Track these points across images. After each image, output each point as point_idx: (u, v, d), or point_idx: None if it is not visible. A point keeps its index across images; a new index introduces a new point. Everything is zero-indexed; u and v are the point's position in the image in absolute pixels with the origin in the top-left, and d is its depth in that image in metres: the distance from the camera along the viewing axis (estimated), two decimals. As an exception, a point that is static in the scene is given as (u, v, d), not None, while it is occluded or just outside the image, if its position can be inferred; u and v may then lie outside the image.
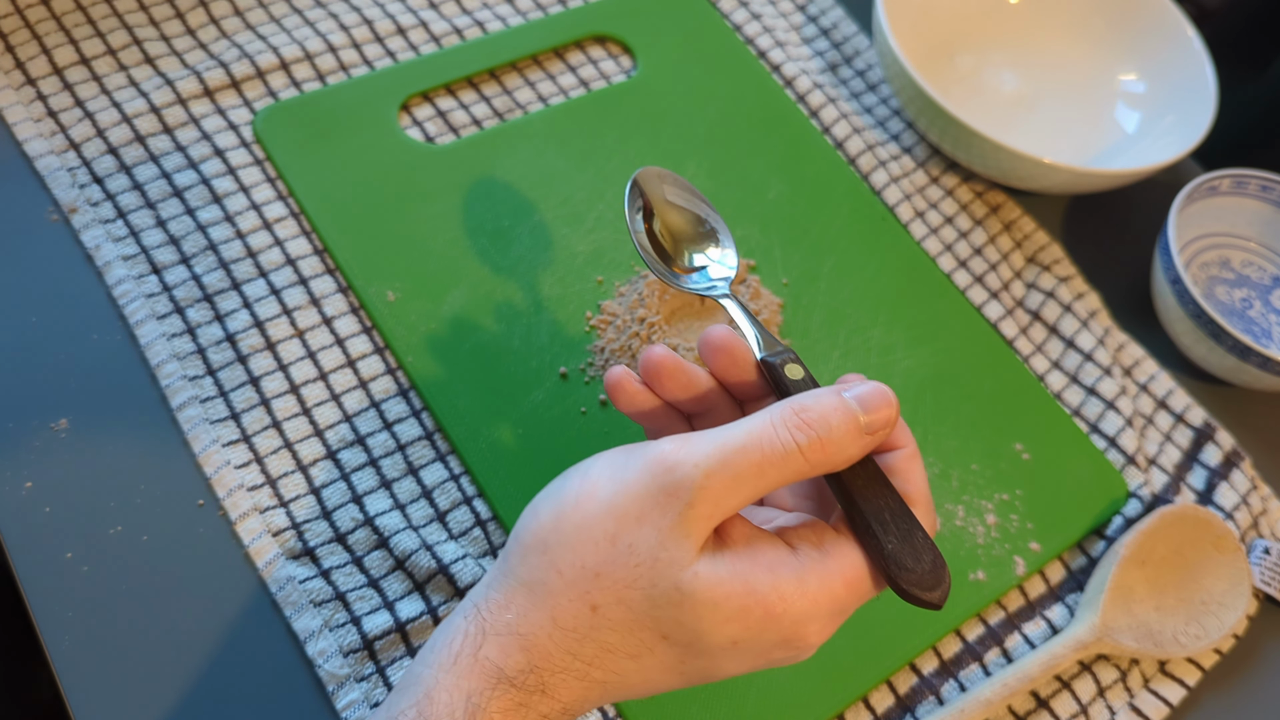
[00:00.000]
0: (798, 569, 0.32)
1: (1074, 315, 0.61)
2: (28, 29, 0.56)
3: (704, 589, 0.31)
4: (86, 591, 0.44)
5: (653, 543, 0.31)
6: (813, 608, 0.32)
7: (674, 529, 0.31)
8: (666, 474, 0.31)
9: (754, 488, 0.31)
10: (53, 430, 0.47)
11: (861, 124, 0.66)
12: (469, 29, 0.63)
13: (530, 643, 0.32)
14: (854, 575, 0.33)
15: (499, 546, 0.48)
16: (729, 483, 0.31)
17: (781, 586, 0.31)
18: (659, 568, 0.31)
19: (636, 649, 0.32)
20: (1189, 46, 0.67)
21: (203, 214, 0.53)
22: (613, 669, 0.32)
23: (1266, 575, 0.54)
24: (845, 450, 0.32)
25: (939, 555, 0.33)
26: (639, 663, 0.32)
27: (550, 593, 0.32)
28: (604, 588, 0.31)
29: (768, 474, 0.31)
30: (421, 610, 0.45)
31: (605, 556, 0.31)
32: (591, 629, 0.32)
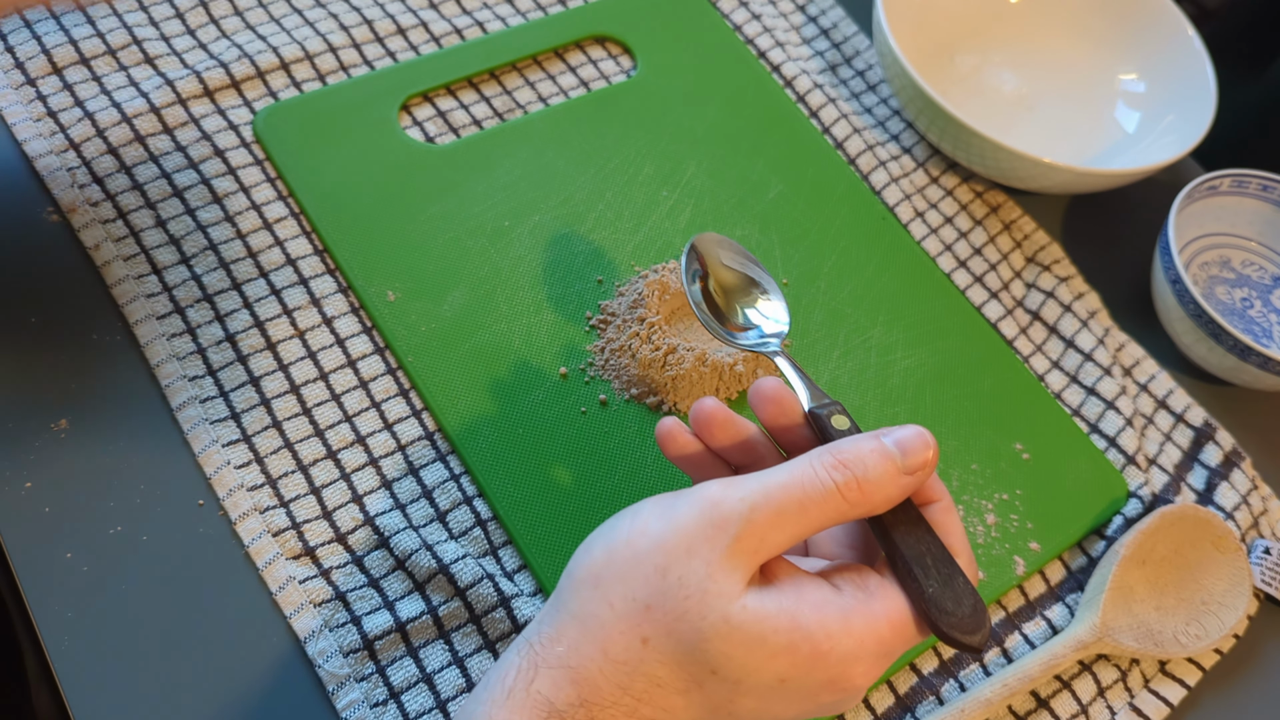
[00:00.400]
0: (843, 608, 0.33)
1: (1074, 315, 0.61)
2: (27, 29, 0.56)
3: (752, 622, 0.31)
4: (86, 591, 0.44)
5: (701, 575, 0.32)
6: (858, 647, 0.32)
7: (722, 561, 0.32)
8: (713, 508, 0.32)
9: (797, 524, 0.32)
10: (53, 430, 0.47)
11: (861, 124, 0.66)
12: (469, 29, 0.63)
13: (581, 675, 0.32)
14: (898, 617, 0.33)
15: (499, 546, 0.48)
16: (772, 517, 0.32)
17: (828, 624, 0.32)
18: (708, 600, 0.31)
19: (686, 684, 0.32)
20: (1189, 46, 0.67)
21: (203, 214, 0.53)
22: (662, 705, 0.32)
23: (1267, 575, 0.54)
24: (883, 489, 0.33)
25: (980, 600, 0.34)
26: (688, 699, 0.32)
27: (602, 625, 0.32)
28: (655, 620, 0.32)
29: (809, 512, 0.32)
30: (422, 610, 0.45)
31: (656, 589, 0.32)
32: (641, 662, 0.32)
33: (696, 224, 0.58)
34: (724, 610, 0.31)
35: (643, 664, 0.32)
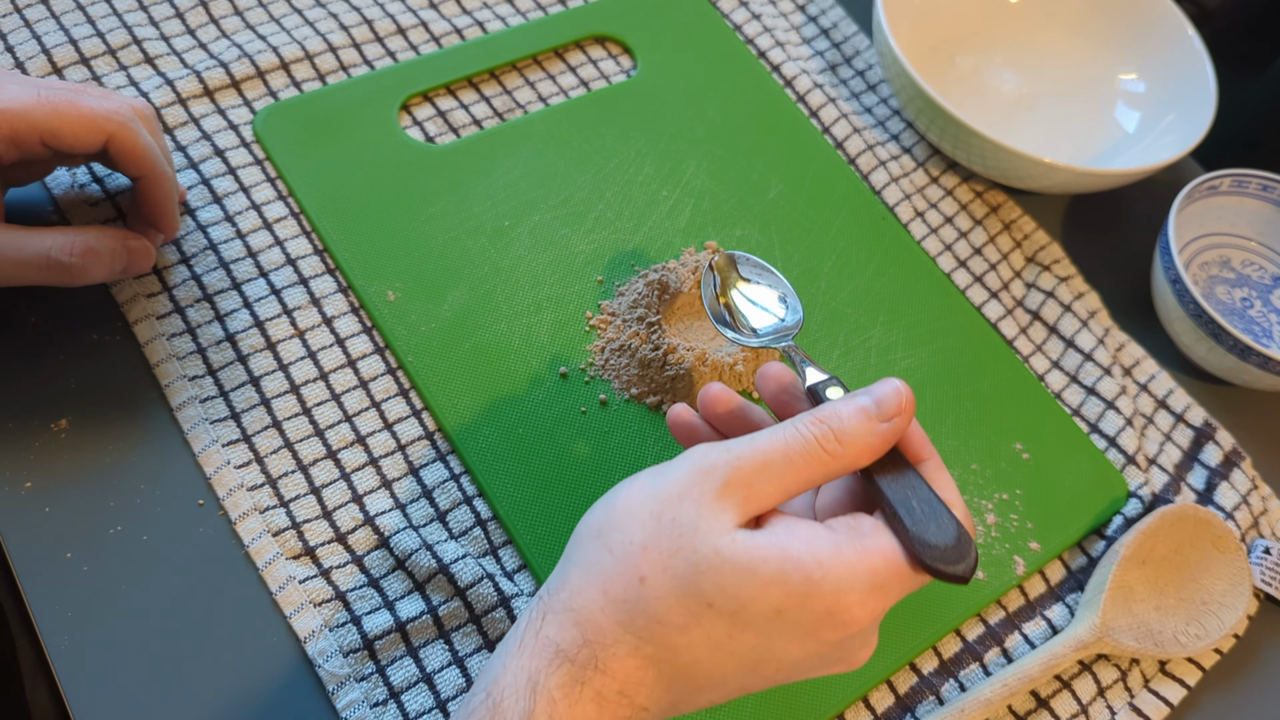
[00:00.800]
0: (834, 541, 0.34)
1: (1074, 315, 0.61)
2: (27, 28, 0.56)
3: (742, 552, 0.33)
4: (86, 591, 0.44)
5: (692, 515, 0.33)
6: (850, 575, 0.33)
7: (712, 502, 0.34)
8: (702, 459, 0.35)
9: (782, 476, 0.34)
10: (53, 430, 0.47)
11: (861, 124, 0.66)
12: (469, 29, 0.63)
13: (583, 617, 0.34)
14: (891, 552, 0.34)
15: (499, 546, 0.48)
16: (758, 466, 0.34)
17: (819, 554, 0.33)
18: (700, 535, 0.33)
19: (684, 619, 0.33)
20: (1189, 46, 0.67)
21: (203, 214, 0.53)
22: (664, 642, 0.33)
23: (1267, 575, 0.54)
24: (861, 440, 0.35)
25: (965, 533, 0.35)
26: (688, 636, 0.33)
27: (602, 569, 0.34)
28: (650, 559, 0.33)
29: (794, 464, 0.34)
30: (422, 610, 0.45)
31: (651, 531, 0.34)
32: (640, 600, 0.33)
33: (696, 224, 0.58)
34: (714, 543, 0.33)
35: (641, 601, 0.33)
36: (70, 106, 0.44)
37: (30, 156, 0.45)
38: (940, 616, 0.50)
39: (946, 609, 0.50)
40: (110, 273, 0.46)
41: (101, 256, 0.45)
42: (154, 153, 0.46)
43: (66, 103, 0.44)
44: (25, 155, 0.44)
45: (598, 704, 0.33)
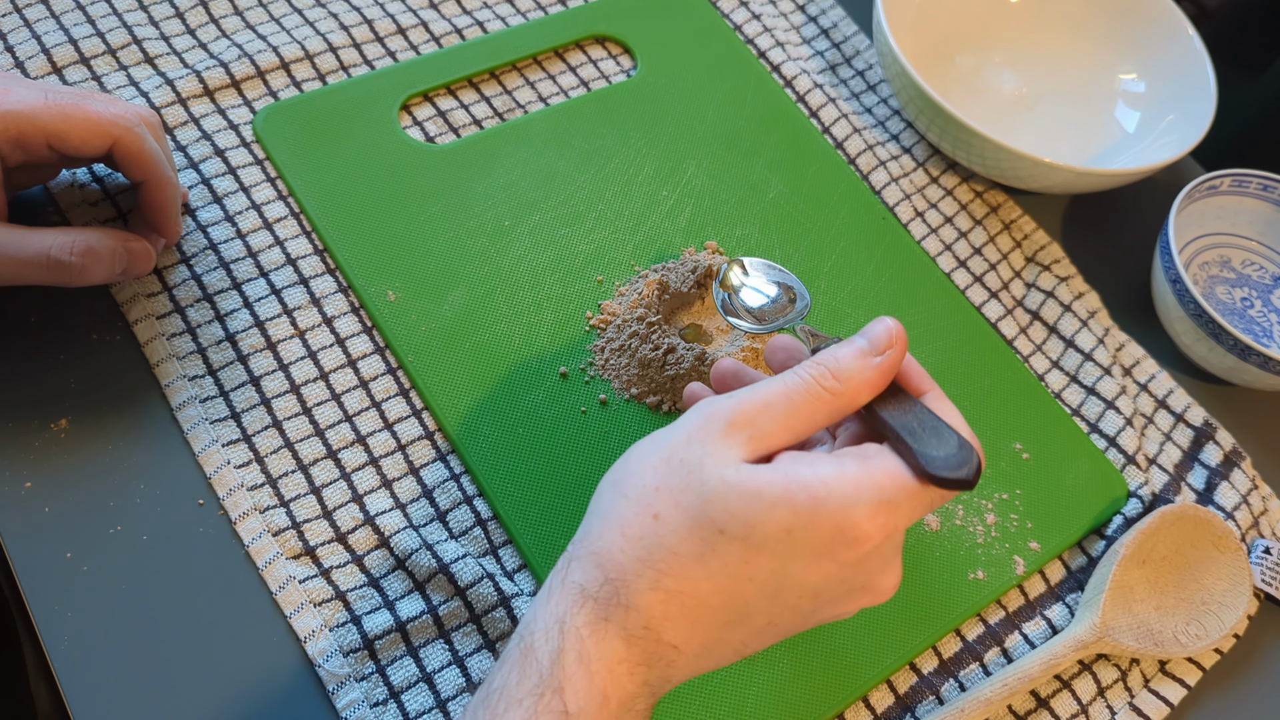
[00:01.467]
0: (838, 463, 0.35)
1: (1074, 315, 0.61)
2: (27, 28, 0.56)
3: (748, 478, 0.34)
4: (86, 591, 0.44)
5: (699, 453, 0.35)
6: (855, 490, 0.34)
7: (717, 440, 0.35)
8: (706, 406, 0.37)
9: (785, 416, 0.36)
10: (53, 430, 0.47)
11: (861, 124, 0.66)
12: (469, 29, 0.63)
13: (604, 558, 0.35)
14: (896, 469, 0.35)
15: (499, 546, 0.48)
16: (761, 407, 0.36)
17: (822, 474, 0.34)
18: (707, 468, 0.35)
19: (699, 549, 0.34)
20: (1189, 46, 0.67)
21: (203, 214, 0.53)
22: (682, 574, 0.34)
23: (1267, 575, 0.54)
24: (858, 375, 0.36)
25: (966, 441, 0.35)
26: (705, 566, 0.34)
27: (619, 513, 0.36)
28: (662, 497, 0.35)
29: (796, 404, 0.36)
30: (422, 609, 0.45)
31: (662, 473, 0.35)
32: (656, 534, 0.35)
33: (696, 224, 0.58)
34: (720, 474, 0.34)
35: (657, 536, 0.35)
36: (76, 110, 0.44)
37: (36, 159, 0.45)
38: (940, 616, 0.50)
39: (946, 609, 0.50)
40: (110, 274, 0.46)
41: (101, 257, 0.45)
42: (158, 158, 0.47)
43: (73, 106, 0.44)
44: (31, 158, 0.45)
45: (625, 640, 0.34)
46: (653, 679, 0.36)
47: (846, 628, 0.48)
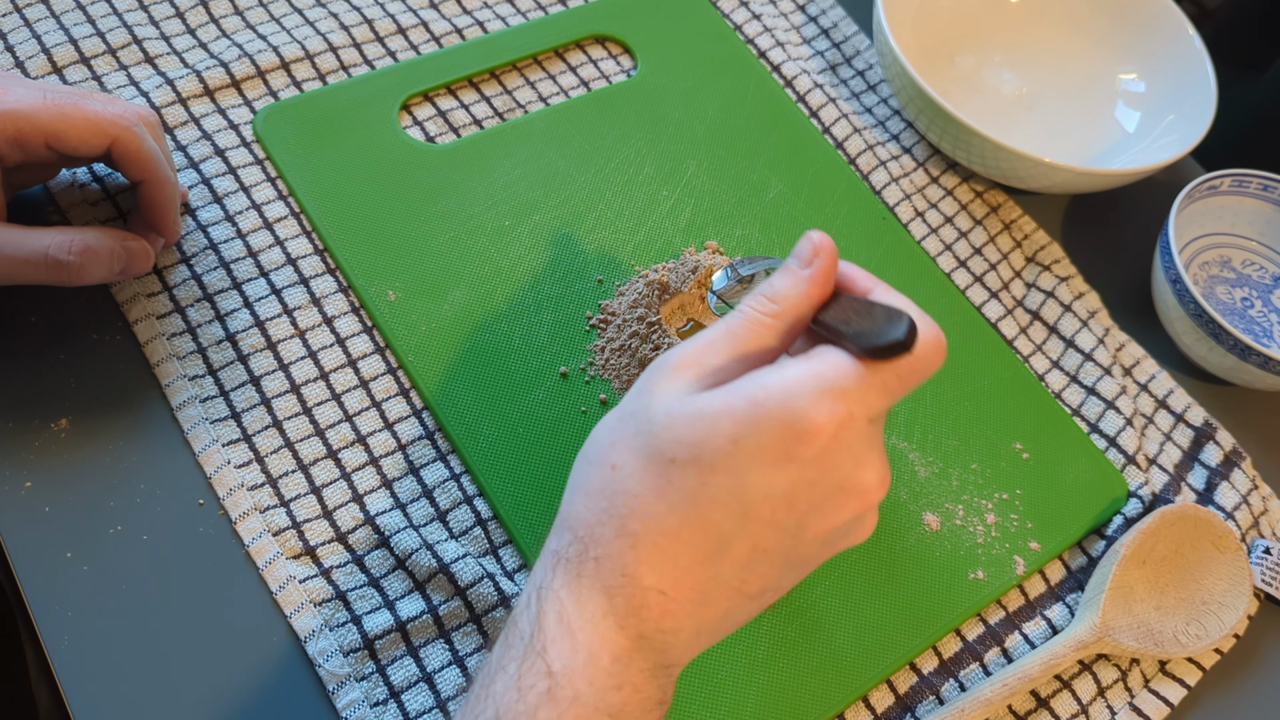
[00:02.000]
0: (779, 366, 0.34)
1: (1074, 315, 0.61)
2: (27, 28, 0.56)
3: (690, 404, 0.34)
4: (86, 591, 0.44)
5: (647, 398, 0.35)
6: (795, 384, 0.33)
7: (662, 382, 0.35)
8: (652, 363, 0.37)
9: (729, 347, 0.36)
10: (53, 430, 0.47)
11: (861, 124, 0.66)
12: (469, 29, 0.63)
13: (571, 520, 0.36)
14: (836, 358, 0.34)
15: (499, 545, 0.48)
16: (704, 346, 0.36)
17: (761, 378, 0.34)
18: (654, 406, 0.35)
19: (657, 485, 0.34)
20: (1189, 46, 0.67)
21: (203, 213, 0.53)
22: (645, 514, 0.34)
23: (1267, 575, 0.54)
24: (793, 291, 0.37)
25: (894, 309, 0.35)
26: (666, 500, 0.34)
27: (582, 478, 0.36)
28: (617, 449, 0.35)
29: (738, 334, 0.36)
30: (422, 609, 0.45)
31: (615, 428, 0.36)
32: (614, 484, 0.35)
33: (696, 224, 0.58)
34: (665, 407, 0.34)
35: (616, 484, 0.35)
36: (75, 110, 0.44)
37: (35, 159, 0.45)
38: (940, 616, 0.50)
39: (947, 609, 0.50)
40: (109, 273, 0.46)
41: (100, 256, 0.45)
42: (157, 158, 0.46)
43: (71, 106, 0.44)
44: (29, 157, 0.45)
45: (605, 593, 0.34)
46: (648, 631, 0.34)
47: (846, 628, 0.48)
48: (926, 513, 0.52)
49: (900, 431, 0.54)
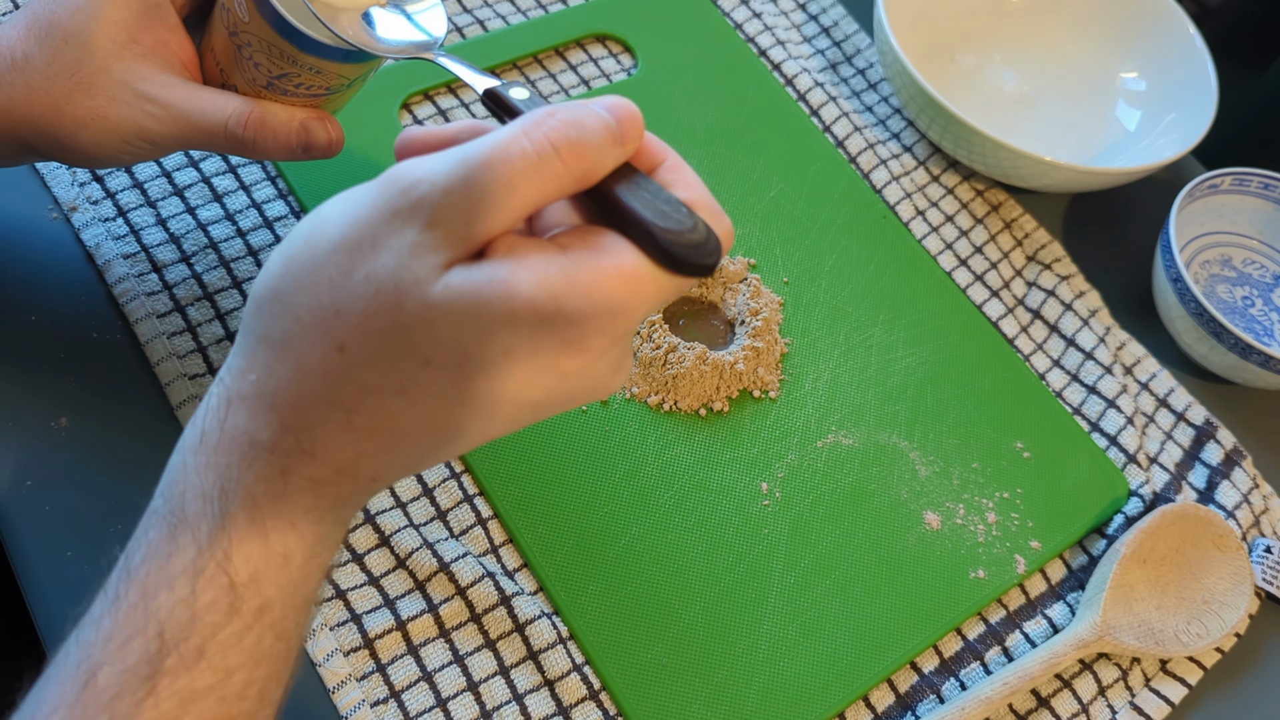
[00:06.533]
0: (566, 267, 0.29)
1: (1075, 314, 0.61)
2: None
3: (459, 299, 0.28)
4: (86, 591, 0.44)
5: (392, 266, 0.28)
6: (586, 303, 0.29)
7: (415, 248, 0.28)
8: (402, 196, 0.29)
9: (507, 207, 0.29)
10: (53, 429, 0.47)
11: (862, 122, 0.66)
12: (470, 27, 0.63)
13: (279, 401, 0.29)
14: (630, 268, 0.30)
15: (500, 545, 0.48)
16: (476, 201, 0.28)
17: (550, 284, 0.28)
18: (403, 289, 0.28)
19: (400, 382, 0.29)
20: (1190, 44, 0.67)
21: (203, 212, 0.53)
22: (380, 411, 0.29)
23: (1268, 574, 0.54)
24: (603, 156, 0.30)
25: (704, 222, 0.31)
26: (408, 398, 0.29)
27: (290, 341, 0.29)
28: (346, 324, 0.29)
29: (521, 188, 0.29)
30: (422, 609, 0.45)
31: (342, 291, 0.29)
32: (343, 370, 0.29)
33: (697, 222, 0.58)
34: (422, 296, 0.28)
35: (345, 372, 0.29)
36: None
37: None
38: (941, 615, 0.50)
39: (947, 608, 0.50)
40: (287, 151, 0.42)
41: (276, 133, 0.41)
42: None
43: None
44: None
45: (311, 490, 0.30)
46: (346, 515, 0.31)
47: (846, 627, 0.48)
48: (927, 512, 0.52)
49: (901, 430, 0.54)
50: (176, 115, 0.40)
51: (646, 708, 0.45)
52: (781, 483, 0.51)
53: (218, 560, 0.29)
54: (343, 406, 0.29)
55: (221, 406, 0.30)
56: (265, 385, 0.29)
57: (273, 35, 0.39)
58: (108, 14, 0.39)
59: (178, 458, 0.31)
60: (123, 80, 0.40)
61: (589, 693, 0.45)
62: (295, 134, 0.42)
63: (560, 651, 0.45)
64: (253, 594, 0.30)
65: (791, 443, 0.53)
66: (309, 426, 0.29)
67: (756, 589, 0.48)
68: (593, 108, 0.30)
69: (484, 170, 0.28)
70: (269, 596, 0.30)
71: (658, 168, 0.33)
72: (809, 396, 0.54)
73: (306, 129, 0.42)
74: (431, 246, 0.28)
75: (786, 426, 0.53)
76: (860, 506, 0.52)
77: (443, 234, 0.28)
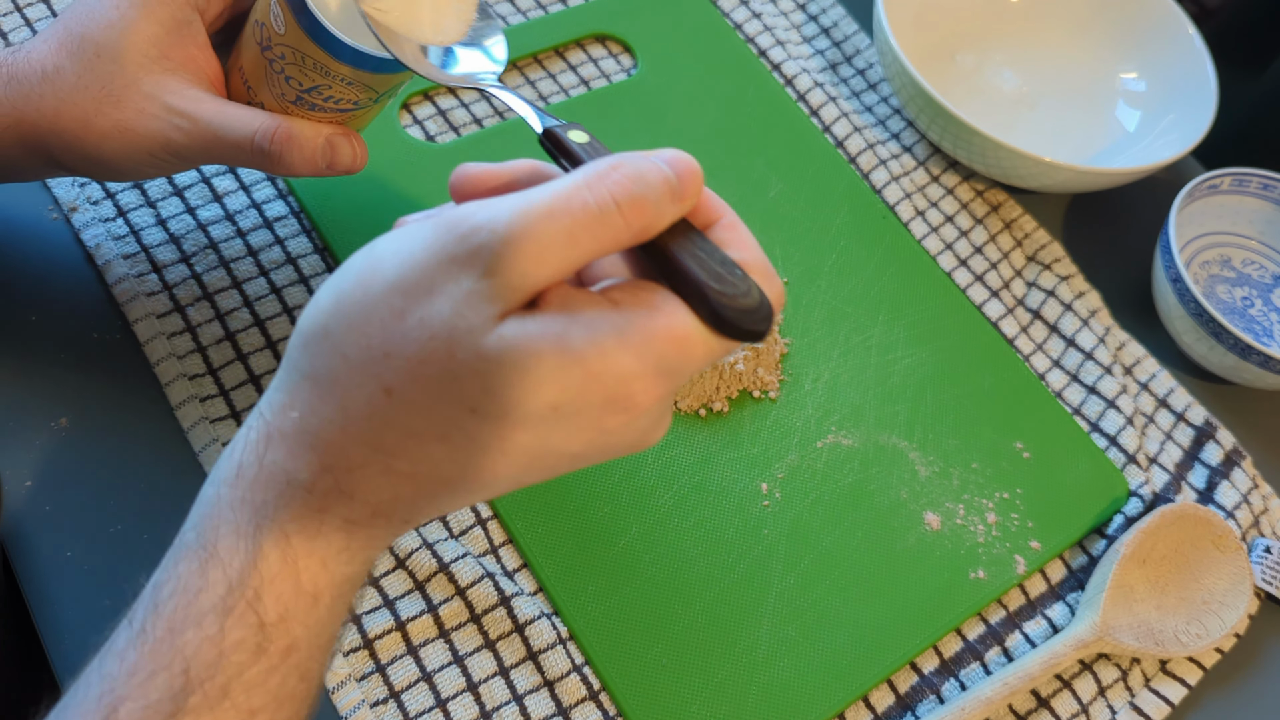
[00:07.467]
0: (619, 324, 0.29)
1: (1074, 314, 0.61)
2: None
3: (512, 350, 0.28)
4: (86, 591, 0.44)
5: (447, 313, 0.28)
6: (636, 362, 0.29)
7: (471, 296, 0.28)
8: (460, 242, 0.29)
9: (564, 258, 0.29)
10: (53, 429, 0.47)
11: (862, 122, 0.66)
12: (469, 27, 0.63)
13: (320, 440, 0.29)
14: (681, 329, 0.30)
15: (499, 545, 0.48)
16: (535, 252, 0.28)
17: (601, 341, 0.29)
18: (456, 337, 0.28)
19: (444, 429, 0.29)
20: (1190, 45, 0.67)
21: (203, 212, 0.53)
22: (421, 457, 0.29)
23: (1267, 574, 0.54)
24: (662, 212, 0.30)
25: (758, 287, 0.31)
26: (450, 445, 0.29)
27: (336, 381, 0.29)
28: (396, 368, 0.28)
29: (581, 241, 0.29)
30: (422, 609, 0.45)
31: (394, 333, 0.28)
32: (388, 414, 0.29)
33: (697, 223, 0.58)
34: (476, 345, 0.28)
35: (390, 416, 0.29)
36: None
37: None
38: (941, 615, 0.50)
39: (947, 608, 0.50)
40: (312, 167, 0.42)
41: (302, 147, 0.41)
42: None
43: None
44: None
45: (346, 531, 0.30)
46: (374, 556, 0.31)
47: (846, 628, 0.48)
48: (927, 512, 0.52)
49: (900, 431, 0.54)
50: (204, 129, 0.40)
51: (646, 708, 0.45)
52: (781, 483, 0.51)
53: (248, 599, 0.29)
54: (385, 450, 0.29)
55: (260, 441, 0.30)
56: (307, 423, 0.29)
57: (309, 45, 0.40)
58: (139, 29, 0.40)
59: (211, 490, 0.30)
60: (151, 94, 0.40)
61: (589, 693, 0.45)
62: (321, 150, 0.42)
63: (560, 652, 0.45)
64: (281, 634, 0.29)
65: (791, 443, 0.53)
66: (349, 468, 0.29)
67: (756, 589, 0.48)
68: (655, 161, 0.30)
69: (545, 221, 0.28)
70: (296, 636, 0.30)
71: (713, 224, 0.33)
72: (809, 397, 0.54)
73: (332, 144, 0.42)
74: (487, 295, 0.28)
75: (786, 427, 0.53)
76: (860, 507, 0.52)
77: (500, 284, 0.28)
